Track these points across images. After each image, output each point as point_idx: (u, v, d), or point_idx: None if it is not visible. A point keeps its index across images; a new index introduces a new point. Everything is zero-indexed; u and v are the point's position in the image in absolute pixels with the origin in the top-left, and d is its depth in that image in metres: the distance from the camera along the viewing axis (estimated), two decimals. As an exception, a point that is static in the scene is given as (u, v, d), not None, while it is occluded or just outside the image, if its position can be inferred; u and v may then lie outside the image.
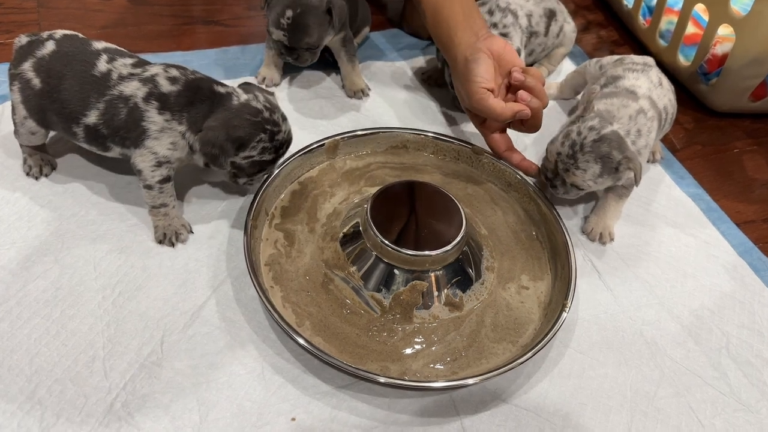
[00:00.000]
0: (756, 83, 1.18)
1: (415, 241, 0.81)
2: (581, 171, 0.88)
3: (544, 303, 0.85)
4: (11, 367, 0.71)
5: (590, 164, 0.87)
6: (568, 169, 0.89)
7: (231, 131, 0.78)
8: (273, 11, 0.99)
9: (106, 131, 0.80)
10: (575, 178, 0.89)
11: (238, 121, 0.79)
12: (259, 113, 0.80)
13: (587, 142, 0.87)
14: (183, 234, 0.86)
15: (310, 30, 1.00)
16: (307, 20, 0.99)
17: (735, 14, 1.12)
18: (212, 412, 0.70)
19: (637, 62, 1.03)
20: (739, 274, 0.94)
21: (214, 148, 0.77)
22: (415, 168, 1.01)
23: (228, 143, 0.78)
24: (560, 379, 0.79)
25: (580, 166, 0.88)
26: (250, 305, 0.80)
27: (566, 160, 0.88)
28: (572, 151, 0.88)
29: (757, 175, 1.15)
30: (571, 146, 0.88)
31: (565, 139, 0.89)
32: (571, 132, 0.89)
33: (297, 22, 0.98)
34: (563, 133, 0.90)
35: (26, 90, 0.82)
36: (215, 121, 0.79)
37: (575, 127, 0.89)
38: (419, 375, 0.75)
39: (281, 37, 1.01)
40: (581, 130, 0.88)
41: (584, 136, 0.87)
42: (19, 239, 0.83)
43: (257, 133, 0.80)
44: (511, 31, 1.09)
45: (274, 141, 0.82)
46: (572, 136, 0.88)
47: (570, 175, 0.89)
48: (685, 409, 0.78)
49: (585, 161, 0.87)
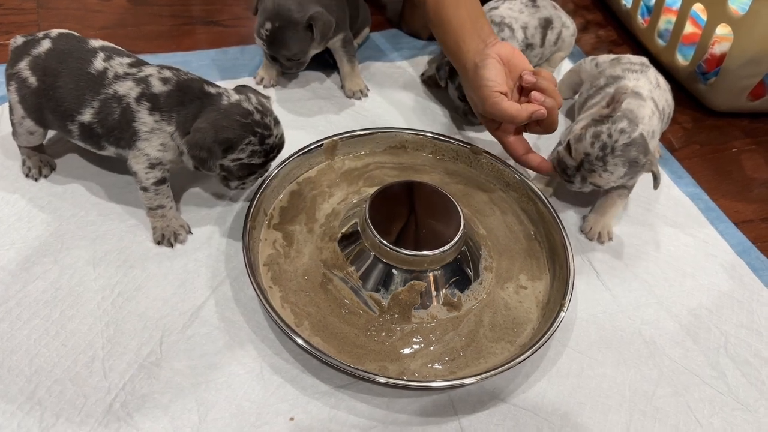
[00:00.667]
0: (754, 82, 1.18)
1: (413, 241, 0.81)
2: (608, 174, 0.87)
3: (542, 302, 0.85)
4: (11, 368, 0.71)
5: (618, 167, 0.86)
6: (594, 170, 0.87)
7: (219, 132, 0.76)
8: (258, 19, 1.00)
9: (100, 130, 0.80)
10: (599, 179, 0.88)
11: (227, 122, 0.77)
12: (249, 115, 0.78)
13: (618, 145, 0.85)
14: (182, 234, 0.86)
15: (288, 44, 1.01)
16: (285, 35, 0.99)
17: (733, 14, 1.12)
18: (211, 412, 0.70)
19: (634, 62, 1.03)
20: (738, 274, 0.94)
21: (202, 151, 0.76)
22: (414, 168, 1.01)
23: (215, 145, 0.76)
24: (558, 378, 0.79)
25: (609, 169, 0.86)
26: (248, 305, 0.80)
27: (594, 162, 0.87)
28: (602, 153, 0.86)
29: (756, 175, 1.15)
30: (602, 148, 0.86)
31: (595, 140, 0.86)
32: (601, 133, 0.86)
33: (275, 36, 0.99)
34: (592, 132, 0.87)
35: (23, 89, 0.82)
36: (203, 122, 0.77)
37: (605, 128, 0.86)
38: (418, 375, 0.75)
39: (262, 46, 1.02)
40: (612, 133, 0.86)
41: (615, 139, 0.86)
42: (18, 240, 0.83)
43: (246, 135, 0.78)
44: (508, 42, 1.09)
45: (264, 144, 0.80)
46: (603, 138, 0.86)
47: (595, 176, 0.88)
48: (684, 408, 0.78)
49: (614, 165, 0.86)
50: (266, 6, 0.99)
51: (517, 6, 1.15)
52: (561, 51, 1.24)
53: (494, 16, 1.12)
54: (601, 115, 0.88)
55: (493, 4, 1.17)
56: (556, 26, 1.18)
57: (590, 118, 0.90)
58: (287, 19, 0.98)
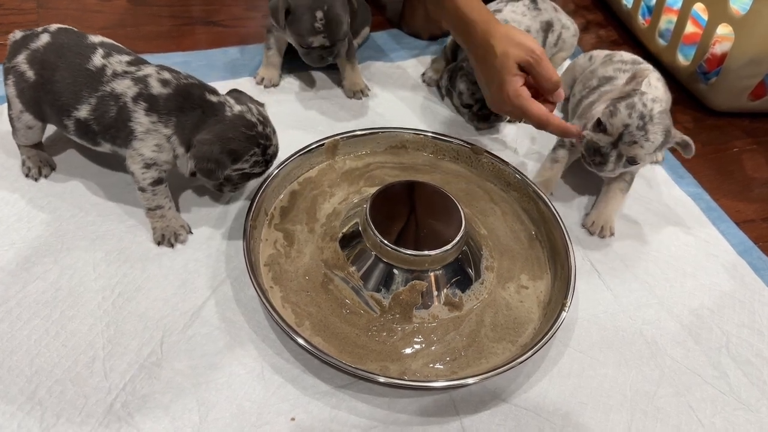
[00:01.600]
0: (755, 82, 1.18)
1: (414, 241, 0.81)
2: (649, 143, 0.86)
3: (543, 302, 0.85)
4: (11, 368, 0.71)
5: (657, 135, 0.86)
6: (636, 141, 0.87)
7: (225, 144, 0.77)
8: (301, 22, 1.00)
9: (96, 127, 0.80)
10: (640, 150, 0.87)
11: (233, 134, 0.78)
12: (253, 127, 0.79)
13: (655, 113, 0.86)
14: (182, 235, 0.86)
15: (342, 18, 1.02)
16: (338, 11, 1.00)
17: (734, 13, 1.12)
18: (212, 412, 0.70)
19: (626, 60, 1.04)
20: (739, 273, 0.94)
21: (210, 163, 0.77)
22: (415, 168, 1.01)
23: (223, 156, 0.77)
24: (560, 378, 0.79)
25: (650, 138, 0.86)
26: (249, 305, 0.80)
27: (636, 132, 0.86)
28: (642, 122, 0.86)
29: (757, 174, 1.15)
30: (641, 117, 0.86)
31: (632, 111, 0.86)
32: (635, 104, 0.86)
33: (330, 18, 1.00)
34: (624, 104, 0.87)
35: (20, 83, 0.81)
36: (208, 134, 0.78)
37: (637, 99, 0.87)
38: (419, 375, 0.75)
39: (322, 41, 1.02)
40: (645, 102, 0.86)
41: (651, 108, 0.86)
42: (18, 240, 0.83)
43: (251, 147, 0.79)
44: None
45: (266, 155, 0.82)
46: (639, 108, 0.86)
47: (635, 148, 0.87)
48: (685, 408, 0.78)
49: (654, 132, 0.86)
50: (306, 2, 0.99)
51: (520, 9, 1.15)
52: (562, 51, 1.24)
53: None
54: (625, 92, 0.89)
55: (495, 6, 1.17)
56: (556, 29, 1.18)
57: (610, 99, 0.90)
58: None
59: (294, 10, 1.00)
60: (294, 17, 1.00)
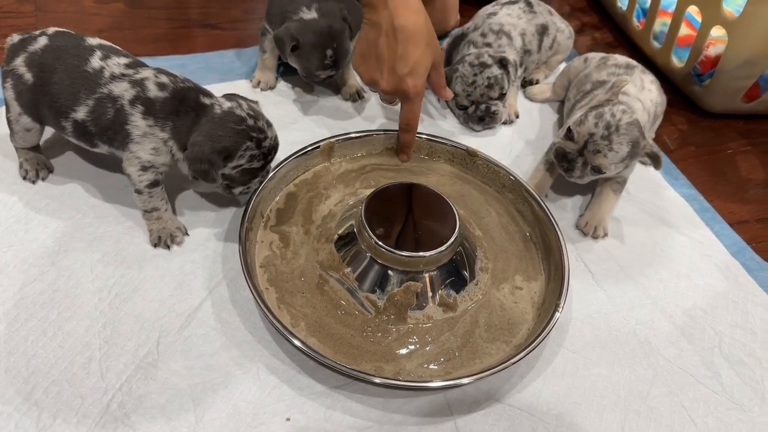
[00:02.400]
0: (749, 84, 1.19)
1: (409, 243, 0.81)
2: (613, 153, 0.88)
3: (537, 303, 0.85)
4: (8, 369, 0.71)
5: (622, 146, 0.87)
6: (599, 150, 0.88)
7: (216, 142, 0.77)
8: (310, 59, 1.02)
9: (93, 129, 0.81)
10: (603, 160, 0.88)
11: (222, 131, 0.78)
12: (242, 121, 0.79)
13: (622, 124, 0.87)
14: (178, 236, 0.86)
15: (349, 49, 1.05)
16: (346, 46, 1.03)
17: (728, 16, 1.13)
18: (208, 413, 0.71)
19: (620, 64, 1.05)
20: (732, 274, 0.95)
21: (202, 164, 0.77)
22: (410, 170, 1.01)
23: (215, 155, 0.77)
24: (554, 378, 0.79)
25: (614, 148, 0.87)
26: (245, 306, 0.81)
27: (599, 141, 0.88)
28: (607, 132, 0.87)
29: (751, 176, 1.15)
30: (606, 127, 0.87)
31: (599, 120, 0.88)
32: (603, 114, 0.88)
33: (339, 55, 1.03)
34: (594, 114, 0.89)
35: (19, 85, 0.82)
36: (199, 135, 0.78)
37: (607, 110, 0.88)
38: (413, 375, 0.75)
39: (329, 72, 1.05)
40: (614, 113, 0.88)
41: (619, 118, 0.87)
42: (16, 242, 0.84)
43: (243, 141, 0.79)
44: (507, 50, 1.11)
45: (262, 147, 0.81)
46: (606, 118, 0.87)
47: (599, 157, 0.88)
48: (678, 407, 0.78)
49: (618, 143, 0.87)
50: (315, 41, 1.00)
51: (516, 12, 1.16)
52: (558, 54, 1.25)
53: (492, 24, 1.13)
54: (600, 101, 0.90)
55: (491, 9, 1.17)
56: (551, 32, 1.19)
57: (587, 107, 0.91)
58: (338, 34, 1.01)
59: (302, 47, 1.01)
60: (302, 53, 1.02)
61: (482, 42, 1.11)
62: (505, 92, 1.10)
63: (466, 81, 1.08)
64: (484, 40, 1.11)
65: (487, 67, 1.07)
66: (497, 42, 1.11)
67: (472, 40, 1.13)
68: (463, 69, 1.08)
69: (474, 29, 1.14)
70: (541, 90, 1.22)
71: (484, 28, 1.12)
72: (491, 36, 1.11)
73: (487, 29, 1.12)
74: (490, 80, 1.07)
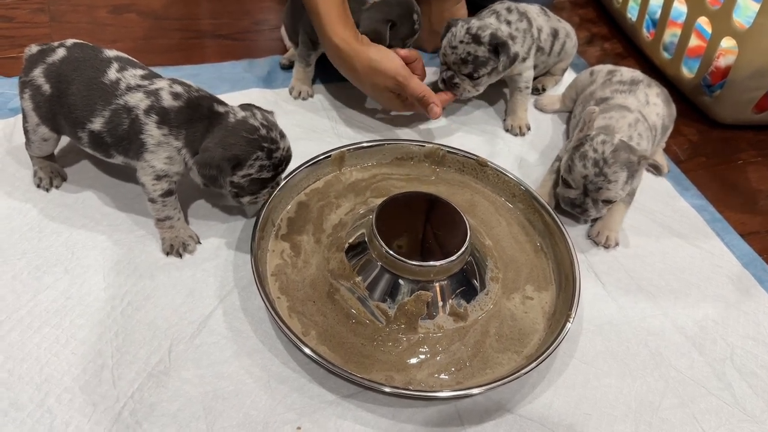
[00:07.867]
0: (759, 95, 1.18)
1: (420, 252, 0.82)
2: (613, 183, 0.90)
3: (548, 313, 0.85)
4: (21, 376, 0.72)
5: (618, 173, 0.89)
6: (600, 188, 0.90)
7: (226, 149, 0.77)
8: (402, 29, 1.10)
9: (109, 139, 0.81)
10: (608, 192, 0.90)
11: (234, 139, 0.78)
12: (255, 131, 0.79)
13: (607, 155, 0.89)
14: (191, 245, 0.87)
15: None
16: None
17: (738, 27, 1.13)
18: (219, 421, 0.71)
19: (624, 80, 1.06)
20: (744, 285, 0.94)
21: (211, 169, 0.77)
22: (420, 179, 1.02)
23: (224, 162, 0.77)
24: (565, 389, 0.79)
25: (611, 179, 0.89)
26: (256, 315, 0.81)
27: (595, 179, 0.90)
28: (598, 169, 0.89)
29: (762, 187, 1.15)
30: (595, 164, 0.89)
31: (585, 161, 0.90)
32: (586, 153, 0.90)
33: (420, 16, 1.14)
34: (578, 156, 0.91)
35: (37, 96, 0.83)
36: (211, 141, 0.78)
37: (588, 147, 0.90)
38: (424, 385, 0.75)
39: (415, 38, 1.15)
40: (596, 147, 0.90)
41: (602, 151, 0.89)
42: (29, 250, 0.84)
43: (254, 150, 0.79)
44: (520, 37, 1.09)
45: (273, 158, 0.81)
46: (590, 155, 0.90)
47: (603, 192, 0.91)
48: (690, 419, 0.78)
49: (614, 173, 0.89)
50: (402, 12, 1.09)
51: (535, 9, 1.15)
52: (563, 62, 1.25)
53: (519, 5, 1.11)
54: (579, 140, 0.93)
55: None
56: (561, 37, 1.20)
57: (567, 150, 0.94)
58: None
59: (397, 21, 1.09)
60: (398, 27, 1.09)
61: (505, 17, 1.08)
62: (479, 76, 1.06)
63: (451, 41, 1.05)
64: (507, 16, 1.08)
65: (478, 43, 1.03)
66: (517, 23, 1.09)
67: (495, 9, 1.11)
68: (457, 28, 1.05)
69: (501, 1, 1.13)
70: (551, 101, 1.22)
71: (510, 4, 1.11)
72: (515, 14, 1.09)
73: (513, 6, 1.10)
74: (469, 56, 1.04)
